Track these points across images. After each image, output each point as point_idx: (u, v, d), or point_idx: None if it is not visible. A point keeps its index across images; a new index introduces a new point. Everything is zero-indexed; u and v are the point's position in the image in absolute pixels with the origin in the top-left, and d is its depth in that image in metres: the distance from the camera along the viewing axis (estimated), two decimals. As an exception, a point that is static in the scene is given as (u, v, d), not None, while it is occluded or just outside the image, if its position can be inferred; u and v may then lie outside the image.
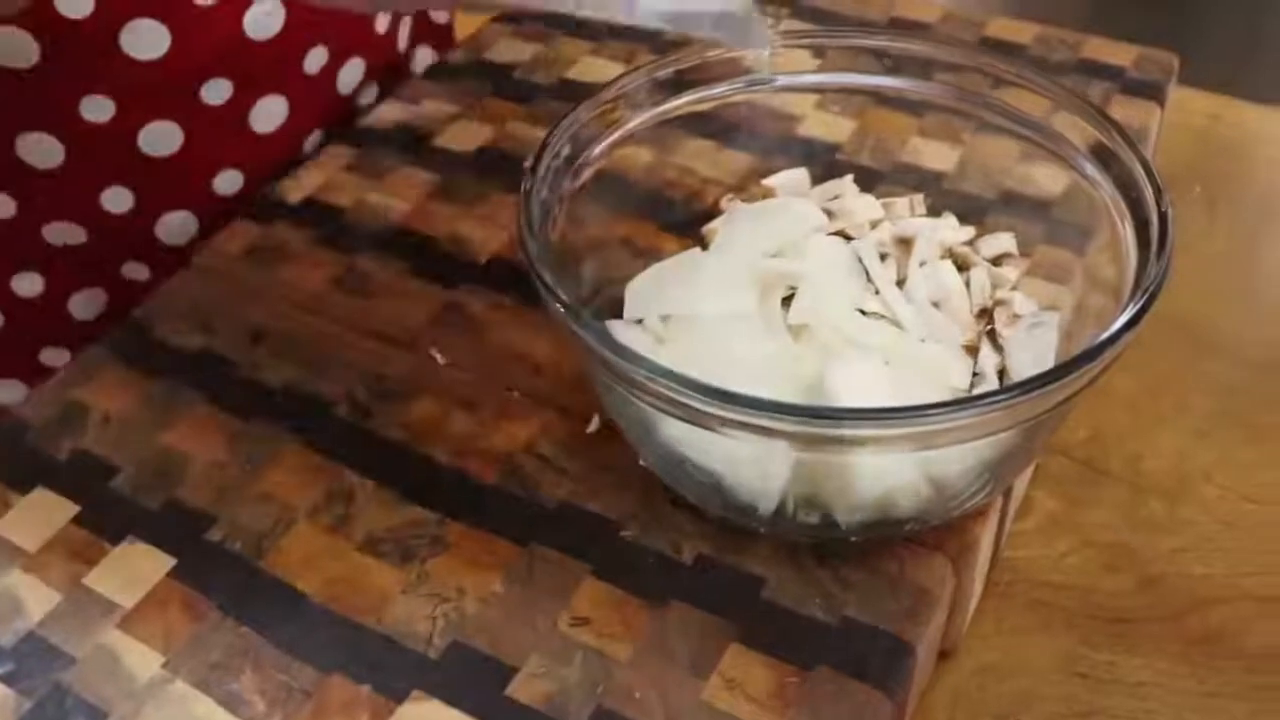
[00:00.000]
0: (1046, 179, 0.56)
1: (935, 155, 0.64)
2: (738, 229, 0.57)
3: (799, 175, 0.61)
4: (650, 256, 0.57)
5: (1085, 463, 0.64)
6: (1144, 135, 0.71)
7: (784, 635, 0.48)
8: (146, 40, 0.61)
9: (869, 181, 0.62)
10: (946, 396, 0.47)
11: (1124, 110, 0.72)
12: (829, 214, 0.57)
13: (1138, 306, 0.44)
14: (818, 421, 0.43)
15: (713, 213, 0.60)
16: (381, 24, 0.75)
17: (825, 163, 0.64)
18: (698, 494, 0.50)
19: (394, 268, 0.65)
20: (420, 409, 0.58)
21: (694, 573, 0.51)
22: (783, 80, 0.59)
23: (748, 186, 0.62)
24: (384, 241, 0.67)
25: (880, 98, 0.60)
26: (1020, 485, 0.59)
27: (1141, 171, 0.50)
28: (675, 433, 0.47)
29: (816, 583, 0.50)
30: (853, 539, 0.50)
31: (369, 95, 0.77)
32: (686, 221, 0.60)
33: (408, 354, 0.61)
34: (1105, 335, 0.44)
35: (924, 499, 0.48)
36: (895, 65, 0.57)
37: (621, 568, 0.51)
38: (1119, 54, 0.77)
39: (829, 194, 0.60)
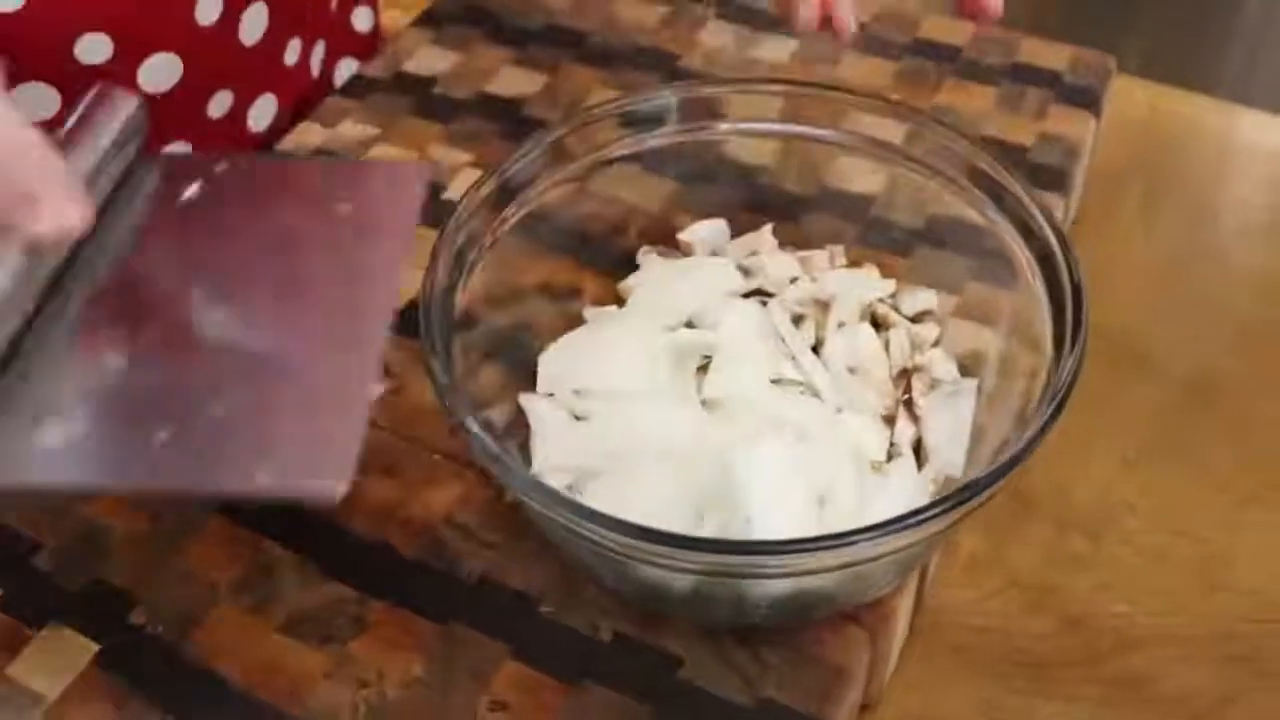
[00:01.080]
0: (974, 215, 0.55)
1: (863, 179, 0.62)
2: (651, 292, 0.57)
3: (717, 228, 0.61)
4: (568, 301, 0.58)
5: (1013, 495, 0.64)
6: (1079, 148, 0.70)
7: (701, 717, 0.49)
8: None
9: (794, 211, 0.62)
10: (862, 472, 0.50)
11: (1059, 123, 0.71)
12: (746, 271, 0.58)
13: (1046, 414, 0.44)
14: (723, 559, 0.43)
15: (631, 253, 0.61)
16: (291, 56, 0.74)
17: (750, 187, 0.62)
18: (608, 579, 0.50)
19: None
20: None
21: (611, 651, 0.51)
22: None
23: (671, 218, 0.62)
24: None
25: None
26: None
27: (1056, 243, 0.50)
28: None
29: (734, 663, 0.50)
30: (767, 625, 0.50)
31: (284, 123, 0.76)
32: (607, 260, 0.60)
33: None
34: (1018, 447, 0.44)
35: (839, 594, 0.49)
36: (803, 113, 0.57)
37: (540, 647, 0.51)
38: (1055, 56, 0.76)
39: (748, 248, 0.60)
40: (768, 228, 0.60)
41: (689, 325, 0.56)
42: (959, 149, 0.53)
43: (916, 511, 0.42)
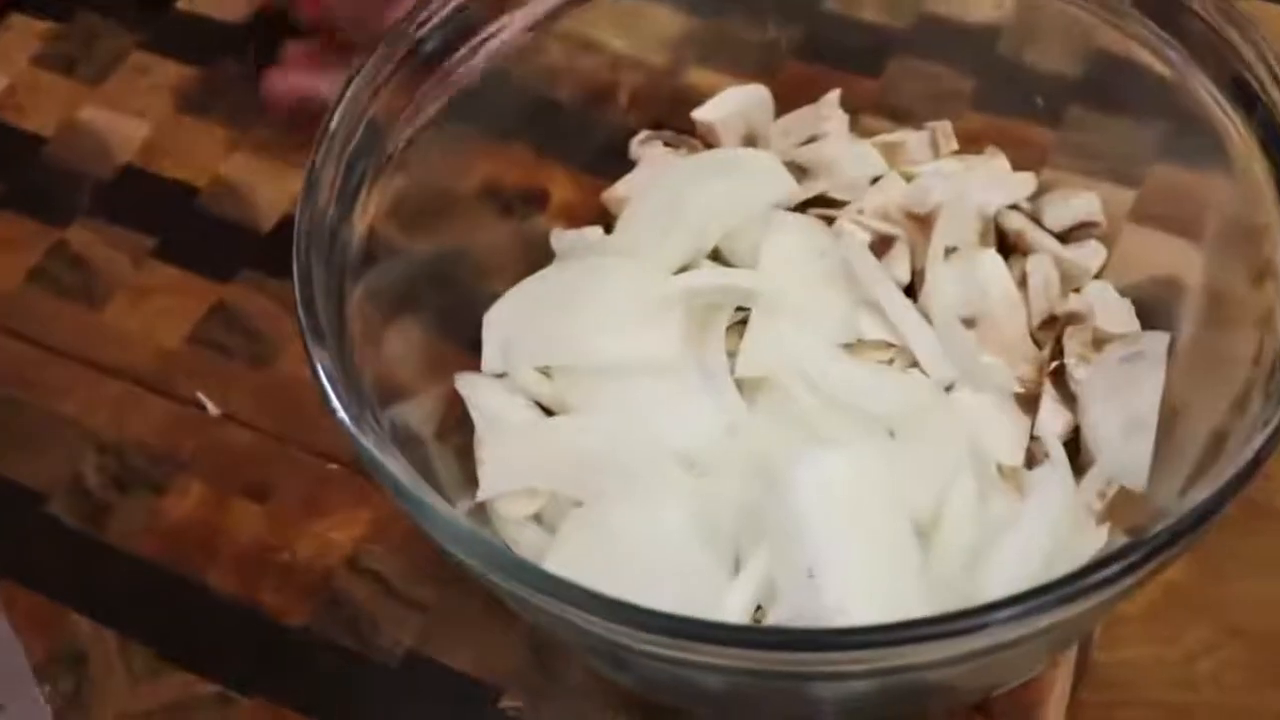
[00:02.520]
0: (1152, 60, 0.48)
1: (983, 5, 0.55)
2: (654, 206, 0.51)
3: (753, 97, 0.54)
4: (525, 218, 0.53)
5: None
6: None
7: None
8: None
9: (875, 60, 0.56)
10: (988, 486, 0.45)
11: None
12: (800, 170, 0.52)
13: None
14: (775, 657, 0.36)
15: (622, 140, 0.55)
16: None
17: (807, 20, 0.56)
18: (603, 666, 0.45)
19: (131, 244, 0.58)
20: (183, 500, 0.51)
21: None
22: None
23: (682, 79, 0.55)
24: (109, 197, 0.59)
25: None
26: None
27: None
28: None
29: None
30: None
31: None
32: (584, 151, 0.54)
33: (160, 401, 0.54)
34: (1245, 456, 0.37)
35: (957, 686, 0.44)
36: None
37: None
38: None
39: (802, 129, 0.54)
40: (833, 94, 0.55)
41: (714, 260, 0.52)
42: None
43: (1084, 571, 0.35)
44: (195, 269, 0.57)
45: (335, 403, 0.40)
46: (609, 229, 0.54)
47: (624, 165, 0.55)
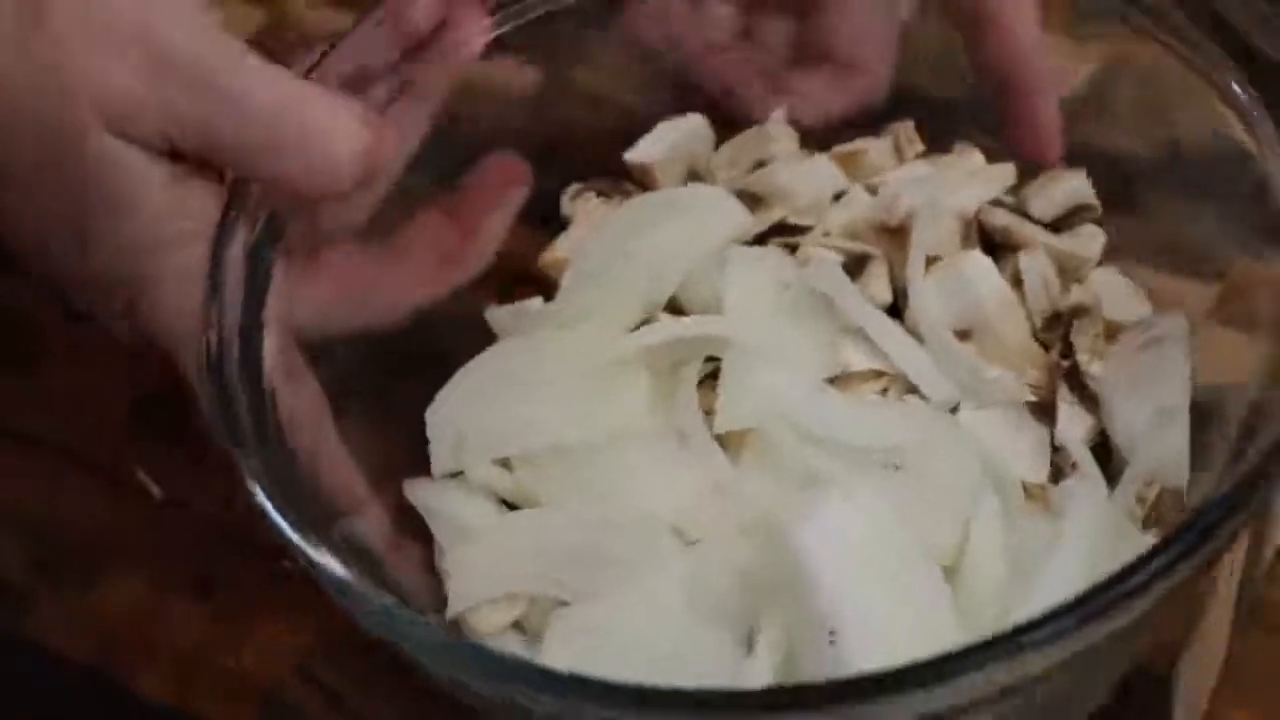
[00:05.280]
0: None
1: None
2: (597, 262, 0.52)
3: (690, 130, 0.55)
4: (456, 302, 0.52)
5: None
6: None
7: None
8: None
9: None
10: (1013, 508, 0.45)
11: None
12: (754, 199, 0.52)
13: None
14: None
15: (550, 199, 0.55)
16: None
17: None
18: None
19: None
20: (119, 594, 0.51)
21: None
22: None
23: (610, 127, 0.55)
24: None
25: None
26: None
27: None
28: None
29: None
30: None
31: None
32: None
33: (95, 483, 0.53)
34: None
35: None
36: None
37: None
38: None
39: (748, 155, 0.54)
40: (778, 113, 0.55)
41: (672, 312, 0.51)
42: None
43: (1123, 575, 0.35)
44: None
45: (276, 515, 0.39)
46: (549, 297, 0.54)
47: (557, 228, 0.55)
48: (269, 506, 0.40)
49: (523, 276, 0.55)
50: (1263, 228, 0.48)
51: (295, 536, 0.39)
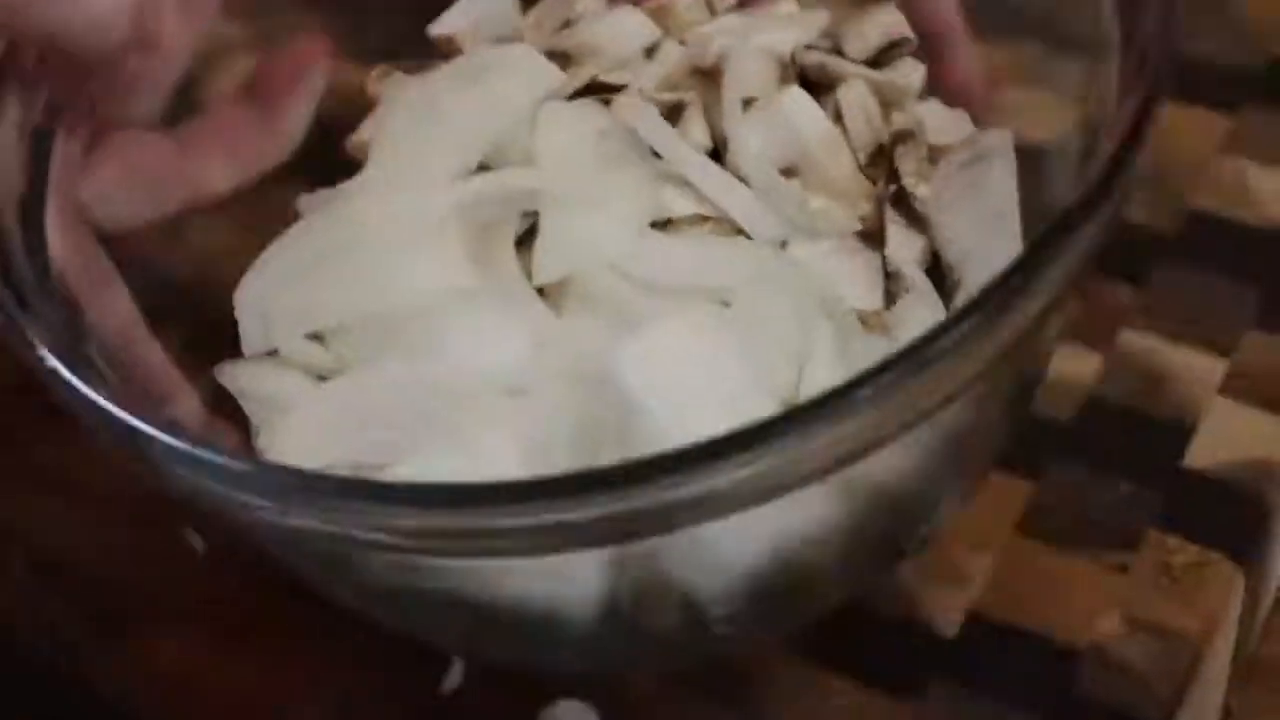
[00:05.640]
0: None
1: None
2: (405, 133, 0.51)
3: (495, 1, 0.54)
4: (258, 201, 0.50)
5: None
6: None
7: None
8: None
9: None
10: (849, 335, 0.45)
11: None
12: (565, 58, 0.51)
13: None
14: (620, 498, 0.33)
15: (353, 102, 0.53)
16: None
17: None
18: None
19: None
20: (170, 645, 0.50)
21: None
22: None
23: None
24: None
25: None
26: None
27: None
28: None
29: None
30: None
31: None
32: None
33: (143, 535, 0.53)
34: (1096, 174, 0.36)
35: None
36: None
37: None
38: None
39: (557, 17, 0.53)
40: None
41: (484, 170, 0.51)
42: None
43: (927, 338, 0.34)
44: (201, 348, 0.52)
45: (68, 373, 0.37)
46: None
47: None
48: (60, 367, 0.38)
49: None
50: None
51: (86, 390, 0.37)
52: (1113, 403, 0.52)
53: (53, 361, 0.38)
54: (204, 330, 0.48)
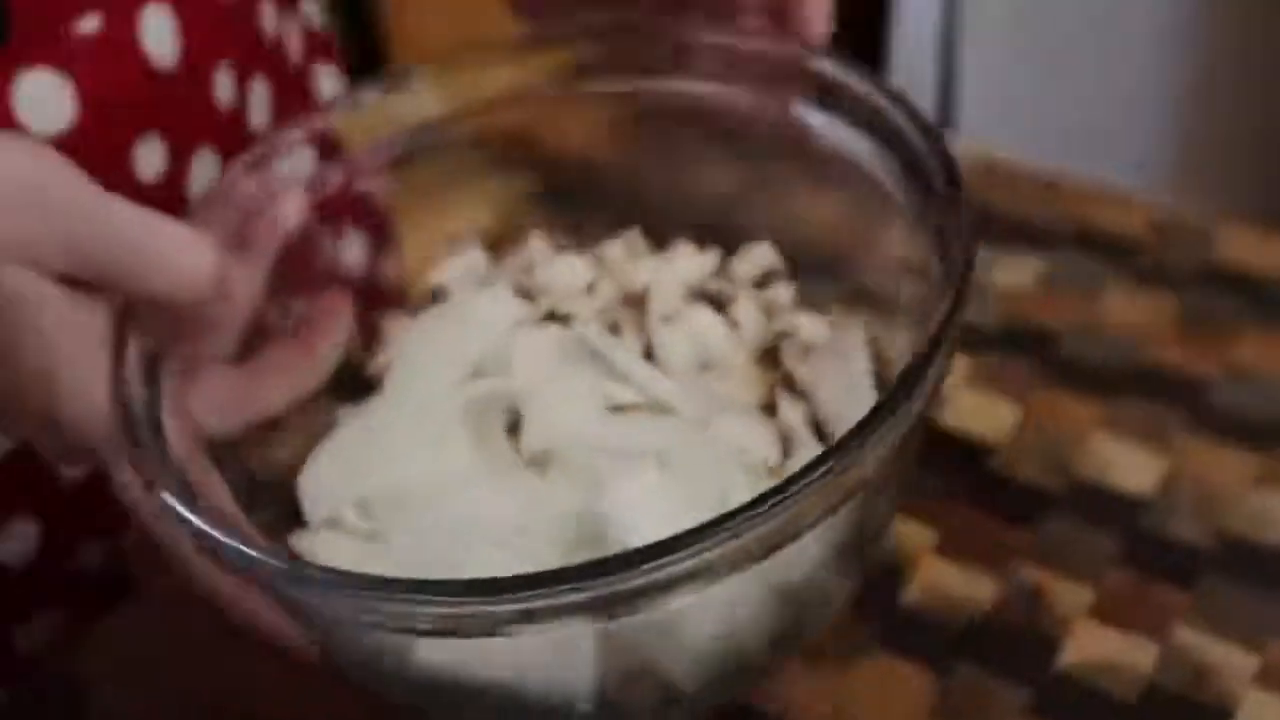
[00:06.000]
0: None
1: None
2: (414, 356, 0.57)
3: (473, 260, 0.62)
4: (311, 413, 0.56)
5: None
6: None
7: None
8: None
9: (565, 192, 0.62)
10: (757, 481, 0.49)
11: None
12: (528, 295, 0.58)
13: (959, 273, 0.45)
14: (620, 578, 0.40)
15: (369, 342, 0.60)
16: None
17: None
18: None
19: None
20: None
21: None
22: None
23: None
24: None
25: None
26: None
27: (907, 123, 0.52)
28: (433, 656, 0.46)
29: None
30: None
31: None
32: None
33: (278, 663, 0.53)
34: (934, 327, 0.44)
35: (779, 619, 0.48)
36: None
37: None
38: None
39: (520, 267, 0.61)
40: (533, 235, 0.62)
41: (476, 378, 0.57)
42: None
43: (826, 456, 0.41)
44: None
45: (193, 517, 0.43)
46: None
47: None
48: (186, 510, 0.43)
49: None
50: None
51: (224, 538, 0.43)
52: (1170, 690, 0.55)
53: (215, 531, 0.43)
54: (283, 509, 0.53)
